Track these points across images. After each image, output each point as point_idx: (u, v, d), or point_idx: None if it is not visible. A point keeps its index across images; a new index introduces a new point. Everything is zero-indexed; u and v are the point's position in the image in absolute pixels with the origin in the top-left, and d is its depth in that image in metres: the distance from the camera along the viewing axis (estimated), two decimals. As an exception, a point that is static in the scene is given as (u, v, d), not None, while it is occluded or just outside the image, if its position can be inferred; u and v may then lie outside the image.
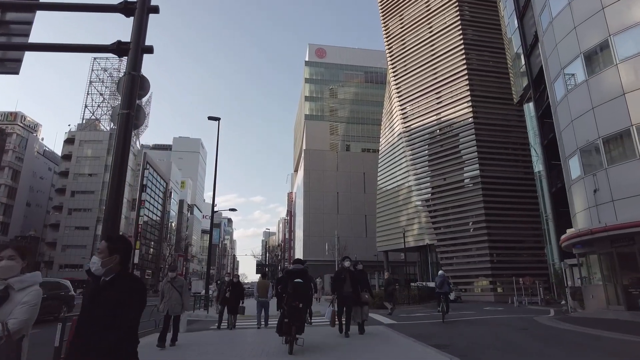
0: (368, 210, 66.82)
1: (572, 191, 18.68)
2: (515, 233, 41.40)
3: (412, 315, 15.61)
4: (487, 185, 42.25)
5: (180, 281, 8.76)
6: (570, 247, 19.39)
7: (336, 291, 9.49)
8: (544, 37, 20.16)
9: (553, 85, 18.85)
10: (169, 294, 8.49)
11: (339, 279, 9.43)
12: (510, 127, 44.70)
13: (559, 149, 22.38)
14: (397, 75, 54.49)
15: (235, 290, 12.13)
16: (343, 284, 9.23)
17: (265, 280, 12.63)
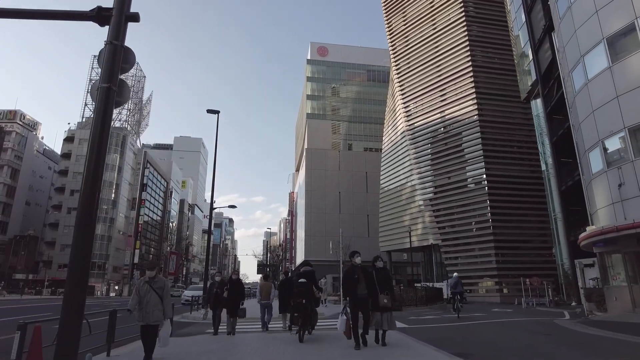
0: (370, 210, 66.04)
1: (592, 186, 17.76)
2: (521, 233, 40.60)
3: (422, 317, 14.81)
4: (493, 184, 41.47)
5: (161, 281, 6.88)
6: (590, 246, 18.52)
7: (348, 294, 7.72)
8: (560, 24, 19.22)
9: (571, 74, 17.93)
10: (146, 297, 6.68)
11: (350, 278, 7.72)
12: (516, 125, 43.91)
13: (575, 143, 21.45)
14: (400, 73, 53.72)
15: (235, 290, 10.68)
16: (357, 284, 7.63)
17: (267, 282, 12.40)
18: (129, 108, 76.25)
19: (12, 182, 66.82)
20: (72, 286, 4.46)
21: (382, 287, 7.73)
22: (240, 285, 11.06)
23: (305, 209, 68.80)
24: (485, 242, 40.53)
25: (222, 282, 11.01)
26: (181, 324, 13.65)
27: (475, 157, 43.04)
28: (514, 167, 43.05)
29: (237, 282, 10.99)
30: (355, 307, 7.63)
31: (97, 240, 63.78)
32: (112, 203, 66.98)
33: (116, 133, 69.50)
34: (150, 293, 6.71)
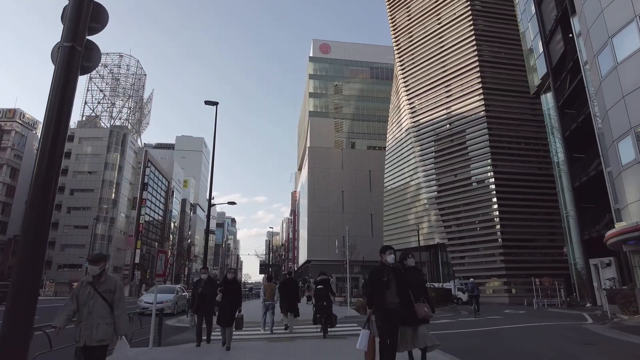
0: (374, 209, 65.01)
1: (621, 179, 16.60)
2: (530, 231, 39.58)
3: (437, 321, 13.74)
4: (500, 181, 40.47)
5: (111, 282, 4.59)
6: (619, 244, 17.43)
7: (373, 303, 5.66)
8: (584, 4, 18.01)
9: (596, 58, 16.77)
10: (88, 305, 4.42)
11: (377, 280, 5.68)
12: (524, 121, 42.92)
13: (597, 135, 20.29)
14: (404, 69, 52.74)
15: (230, 291, 8.51)
16: (385, 290, 5.57)
17: (271, 283, 12.51)
18: (130, 106, 75.54)
19: (12, 182, 66.09)
20: (19, 290, 3.51)
21: (417, 292, 5.81)
22: (236, 287, 8.84)
23: (307, 208, 67.88)
24: (493, 241, 39.55)
25: (211, 280, 9.17)
26: (175, 329, 12.70)
27: (482, 154, 42.05)
28: (522, 164, 42.05)
29: (234, 283, 8.78)
30: (384, 320, 5.51)
31: (97, 240, 62.99)
32: (113, 202, 66.19)
33: (116, 131, 68.76)
34: (95, 299, 4.45)
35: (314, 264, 63.20)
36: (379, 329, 5.58)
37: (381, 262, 5.82)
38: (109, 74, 74.34)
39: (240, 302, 8.84)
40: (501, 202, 39.78)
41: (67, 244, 61.61)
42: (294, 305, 11.71)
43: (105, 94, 73.41)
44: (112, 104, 73.46)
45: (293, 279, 13.17)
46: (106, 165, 65.82)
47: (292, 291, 11.88)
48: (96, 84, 73.29)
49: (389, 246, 6.14)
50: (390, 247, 6.00)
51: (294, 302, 11.79)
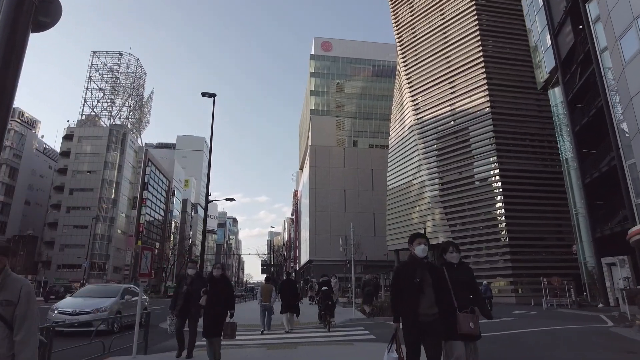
0: (376, 208, 64.25)
1: None
2: (537, 230, 38.71)
3: None
4: (506, 179, 39.58)
5: (13, 288, 2.64)
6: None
7: (401, 313, 4.16)
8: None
9: (619, 42, 15.80)
10: None
11: (405, 281, 4.17)
12: (530, 117, 42.04)
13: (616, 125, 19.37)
14: (407, 66, 51.89)
15: (218, 292, 6.75)
16: (419, 294, 4.04)
17: (268, 284, 12.43)
18: (130, 105, 74.88)
19: (11, 181, 65.56)
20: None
21: (463, 297, 4.15)
22: (225, 286, 6.93)
23: (309, 208, 67.14)
24: (498, 240, 38.70)
25: (199, 276, 7.61)
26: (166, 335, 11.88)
27: (487, 151, 41.19)
28: (528, 161, 41.21)
29: (222, 281, 6.90)
30: (415, 337, 3.97)
31: (97, 240, 62.39)
32: (113, 202, 65.55)
33: (116, 130, 68.12)
34: None
35: (315, 264, 62.46)
36: (409, 349, 3.98)
37: (411, 255, 4.28)
38: (109, 73, 73.72)
39: (232, 305, 6.94)
40: (507, 200, 38.91)
41: (67, 244, 60.98)
42: (295, 305, 11.91)
43: (105, 93, 72.78)
44: (111, 103, 72.81)
45: (292, 279, 13.54)
46: (106, 164, 65.19)
47: (291, 291, 12.10)
48: (96, 82, 72.69)
49: (420, 234, 4.51)
50: (421, 235, 4.35)
51: (294, 301, 11.96)
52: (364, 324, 12.42)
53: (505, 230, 38.17)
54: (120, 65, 74.00)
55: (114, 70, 73.50)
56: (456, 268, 4.49)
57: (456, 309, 4.10)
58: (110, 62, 73.44)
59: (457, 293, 4.21)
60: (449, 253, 4.60)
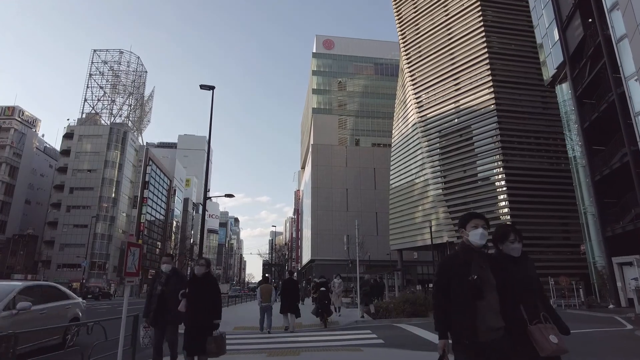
0: (379, 207, 63.60)
1: None
2: (543, 229, 38.05)
3: None
4: (511, 177, 38.95)
5: None
6: None
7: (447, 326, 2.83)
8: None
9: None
10: None
11: (457, 277, 2.84)
12: (535, 115, 41.41)
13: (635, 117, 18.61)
14: (411, 63, 51.26)
15: (200, 295, 5.29)
16: (478, 300, 2.74)
17: (268, 284, 12.14)
18: (130, 103, 74.36)
19: (11, 180, 65.11)
20: None
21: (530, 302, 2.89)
22: (211, 287, 5.40)
23: (311, 207, 66.52)
24: (505, 239, 38.07)
25: (177, 274, 5.97)
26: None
27: (492, 148, 40.57)
28: (533, 159, 40.59)
29: (206, 282, 5.39)
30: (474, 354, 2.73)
31: (97, 239, 61.90)
32: (113, 201, 65.05)
33: (117, 129, 67.59)
34: None
35: (317, 264, 61.86)
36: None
37: (463, 244, 3.01)
38: (109, 71, 73.21)
39: (218, 312, 5.37)
40: (512, 199, 38.28)
41: (67, 244, 60.51)
42: (295, 305, 11.60)
43: (105, 91, 72.27)
44: (112, 101, 72.29)
45: (294, 279, 13.19)
46: (106, 163, 64.69)
47: (293, 291, 11.83)
48: (96, 80, 72.21)
49: (475, 213, 3.10)
50: (477, 215, 3.06)
51: (295, 302, 11.65)
52: (371, 327, 11.80)
53: (511, 229, 37.54)
54: (120, 63, 73.55)
55: (115, 68, 73.01)
56: (518, 263, 3.01)
57: (526, 321, 2.74)
58: (111, 60, 73.00)
59: (522, 298, 2.85)
60: (509, 242, 3.04)
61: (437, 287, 2.94)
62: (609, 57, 21.32)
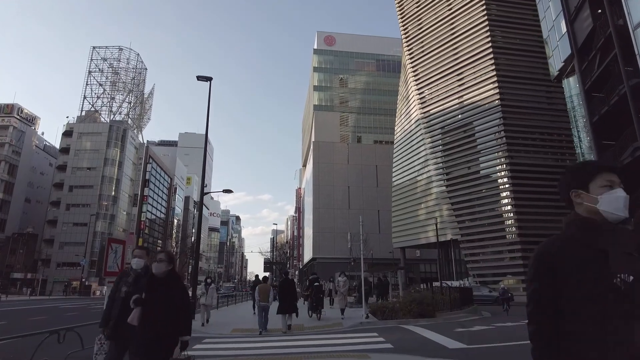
0: (381, 204, 62.88)
1: None
2: (548, 226, 37.34)
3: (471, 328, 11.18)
4: (516, 173, 38.24)
5: None
6: None
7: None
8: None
9: None
10: None
11: (578, 274, 1.51)
12: (541, 110, 40.67)
13: None
14: (413, 58, 50.52)
15: (160, 299, 3.65)
16: (624, 323, 1.43)
17: (266, 284, 12.28)
18: (130, 101, 73.72)
19: (10, 178, 64.60)
20: None
21: None
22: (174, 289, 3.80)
23: (313, 205, 65.89)
24: (509, 237, 37.40)
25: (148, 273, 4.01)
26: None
27: (497, 145, 39.88)
28: (539, 155, 39.90)
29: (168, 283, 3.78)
30: None
31: (97, 237, 61.40)
32: (113, 199, 64.49)
33: (116, 126, 66.99)
34: None
35: (319, 262, 61.27)
36: None
37: (578, 219, 1.64)
38: (109, 68, 72.54)
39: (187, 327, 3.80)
40: (517, 196, 37.59)
41: (66, 242, 60.00)
42: (293, 305, 11.62)
43: (105, 89, 71.65)
44: (111, 99, 71.65)
45: (290, 279, 13.09)
46: (106, 161, 64.13)
47: (290, 291, 11.81)
48: (95, 78, 71.59)
49: (602, 163, 1.66)
50: (608, 167, 1.63)
51: (293, 302, 11.66)
52: (377, 329, 11.17)
53: (516, 227, 36.85)
54: (120, 60, 72.88)
55: (114, 65, 72.36)
56: None
57: None
58: (110, 58, 72.31)
59: None
60: None
61: (535, 299, 1.62)
62: (620, 48, 20.63)
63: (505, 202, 38.46)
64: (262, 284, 11.97)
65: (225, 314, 17.47)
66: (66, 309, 23.36)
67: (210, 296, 13.48)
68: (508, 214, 37.91)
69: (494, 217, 39.32)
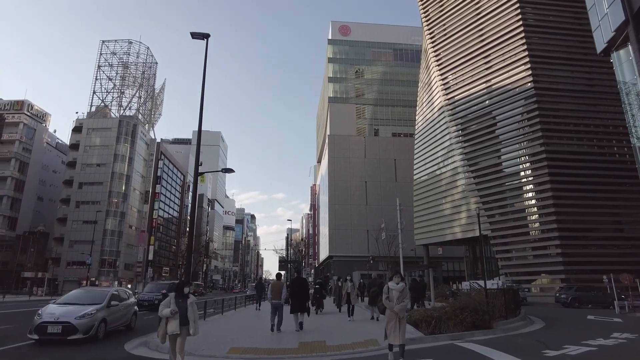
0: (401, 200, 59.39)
1: None
2: (591, 220, 33.83)
3: (571, 351, 7.96)
4: (554, 162, 34.71)
5: None
6: None
7: None
8: None
9: None
10: None
11: None
12: (579, 92, 37.03)
13: None
14: (435, 42, 47.20)
15: None
16: None
17: (279, 281, 11.91)
18: (140, 95, 71.96)
19: (21, 176, 63.46)
20: None
21: None
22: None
23: (328, 200, 63.08)
24: (548, 232, 33.91)
25: None
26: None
27: (532, 131, 36.36)
28: (578, 142, 36.31)
29: None
30: None
31: (107, 235, 59.76)
32: (123, 196, 62.72)
33: (126, 121, 65.23)
34: None
35: (336, 260, 58.51)
36: None
37: None
38: (119, 62, 70.87)
39: None
40: (556, 186, 34.07)
41: (76, 240, 58.47)
42: (304, 305, 11.54)
43: (114, 83, 69.97)
44: (121, 93, 69.91)
45: (303, 278, 12.90)
46: (115, 157, 62.38)
47: (302, 290, 11.59)
48: (105, 72, 69.96)
49: None
50: None
51: (304, 302, 11.56)
52: (428, 350, 8.17)
53: (555, 220, 33.36)
54: (129, 54, 71.05)
55: (124, 59, 70.58)
56: None
57: None
58: (120, 51, 70.54)
59: None
60: None
61: None
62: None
63: (543, 195, 34.95)
64: (275, 282, 11.73)
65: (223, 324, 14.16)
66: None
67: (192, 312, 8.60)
68: (545, 209, 34.42)
69: (528, 210, 35.90)
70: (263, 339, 9.70)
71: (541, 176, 34.83)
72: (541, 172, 34.78)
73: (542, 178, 34.71)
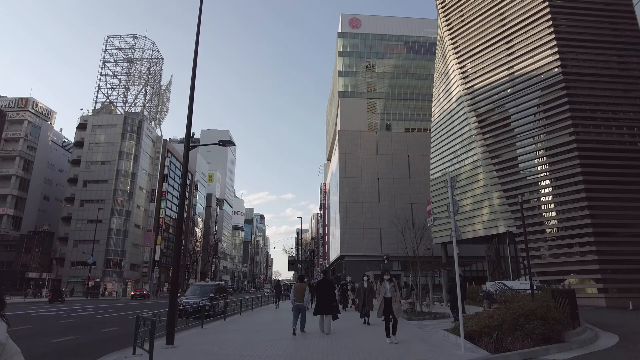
0: (414, 198, 57.14)
1: None
2: (627, 215, 31.11)
3: None
4: (585, 152, 32.07)
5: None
6: None
7: None
8: None
9: None
10: None
11: None
12: (611, 77, 34.33)
13: None
14: (452, 28, 44.74)
15: None
16: None
17: (302, 283, 11.72)
18: (145, 92, 70.30)
19: (25, 175, 62.19)
20: None
21: None
22: None
23: (339, 199, 60.84)
24: (580, 228, 31.26)
25: None
26: None
27: (560, 120, 33.72)
28: (611, 130, 33.64)
29: None
30: None
31: (112, 235, 58.14)
32: (129, 195, 61.05)
33: (131, 118, 63.58)
34: None
35: (347, 260, 56.22)
36: None
37: None
38: (124, 58, 69.32)
39: None
40: (588, 179, 31.41)
41: (80, 240, 56.91)
42: (330, 307, 10.99)
43: (119, 79, 68.41)
44: (126, 89, 68.30)
45: (329, 279, 12.11)
46: (120, 154, 60.72)
47: (327, 291, 11.08)
48: (110, 68, 68.45)
49: None
50: None
51: (330, 303, 11.01)
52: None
53: (589, 216, 30.70)
54: (135, 49, 69.43)
55: (129, 55, 68.99)
56: None
57: None
58: (125, 47, 68.92)
59: None
60: None
61: None
62: None
63: (573, 188, 32.29)
64: (298, 283, 11.73)
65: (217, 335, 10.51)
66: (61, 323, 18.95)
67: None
68: (578, 202, 31.77)
69: (558, 204, 33.25)
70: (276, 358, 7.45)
71: (572, 167, 32.19)
72: (572, 162, 32.15)
73: (574, 169, 32.07)
